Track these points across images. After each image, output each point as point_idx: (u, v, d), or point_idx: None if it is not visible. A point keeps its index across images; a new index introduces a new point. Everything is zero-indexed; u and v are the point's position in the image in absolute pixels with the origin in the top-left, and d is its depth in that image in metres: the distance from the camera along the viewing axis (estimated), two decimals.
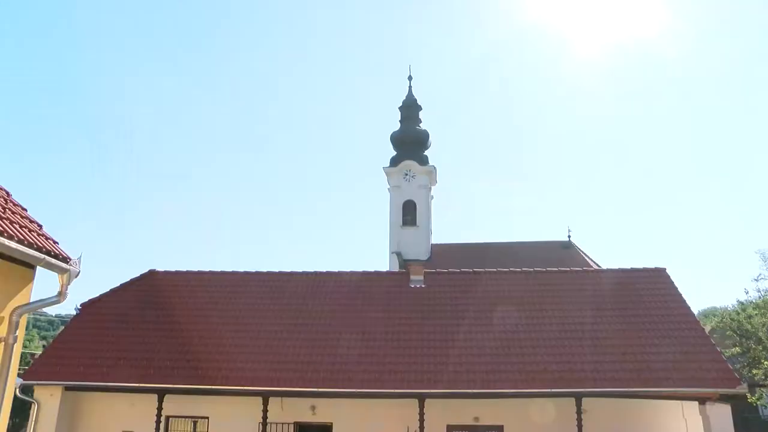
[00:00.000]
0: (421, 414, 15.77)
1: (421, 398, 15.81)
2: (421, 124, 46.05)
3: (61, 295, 7.77)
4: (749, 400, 23.05)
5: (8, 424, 8.06)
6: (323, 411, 17.07)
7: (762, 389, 23.85)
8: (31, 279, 7.87)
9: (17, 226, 7.33)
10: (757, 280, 28.14)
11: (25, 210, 8.17)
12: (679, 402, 16.35)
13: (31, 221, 7.93)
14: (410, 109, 46.27)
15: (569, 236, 40.99)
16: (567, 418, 15.61)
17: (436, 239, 43.26)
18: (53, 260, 7.55)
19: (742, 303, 25.06)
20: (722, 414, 15.22)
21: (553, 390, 15.43)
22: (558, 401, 15.88)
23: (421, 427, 15.75)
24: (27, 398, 16.89)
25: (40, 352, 20.71)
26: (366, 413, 16.79)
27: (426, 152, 44.81)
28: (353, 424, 16.82)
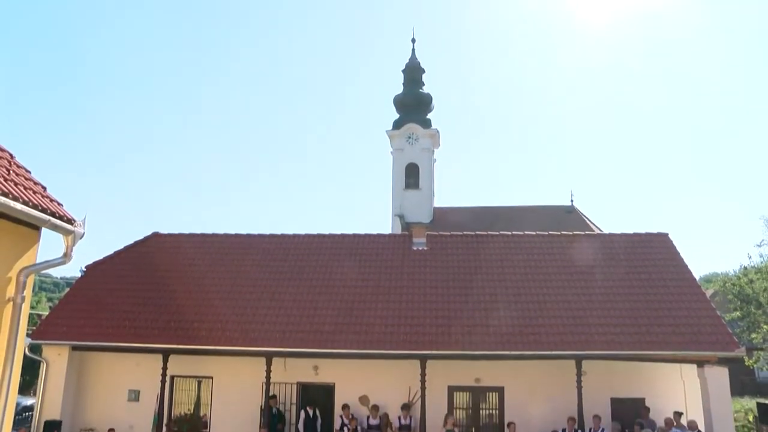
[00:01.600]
0: (423, 375, 16.01)
1: (423, 359, 16.02)
2: (424, 87, 45.72)
3: (66, 256, 7.84)
4: (746, 363, 23.35)
5: (20, 381, 8.24)
6: (326, 371, 17.33)
7: (759, 352, 24.14)
8: (37, 240, 7.94)
9: (22, 188, 7.36)
10: (760, 246, 28.27)
11: (29, 172, 8.18)
12: (677, 365, 16.55)
13: (35, 183, 7.96)
14: (413, 71, 45.88)
15: (572, 201, 41.06)
16: (567, 380, 15.83)
17: (438, 202, 43.36)
18: (58, 222, 7.61)
19: (744, 268, 25.19)
20: (720, 376, 15.41)
21: (553, 352, 15.61)
22: (558, 363, 16.09)
23: (423, 388, 16.00)
24: (36, 357, 17.19)
25: (47, 313, 20.96)
26: (368, 374, 17.05)
27: (429, 115, 44.60)
28: (355, 384, 17.09)
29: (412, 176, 42.80)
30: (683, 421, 15.58)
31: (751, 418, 21.85)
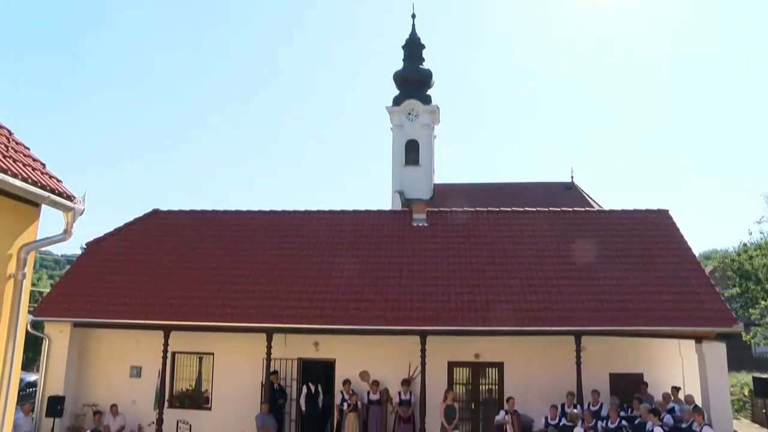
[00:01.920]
0: (423, 350, 16.11)
1: (423, 335, 16.10)
2: (424, 63, 45.37)
3: (66, 233, 7.84)
4: (744, 339, 23.51)
5: (23, 358, 8.29)
6: (326, 347, 17.43)
7: (757, 328, 24.29)
8: (37, 217, 7.93)
9: (21, 165, 7.32)
10: (759, 222, 28.31)
11: (28, 149, 8.14)
12: (676, 340, 16.66)
13: (34, 160, 7.92)
14: (413, 47, 45.47)
15: (572, 177, 40.96)
16: (566, 356, 15.92)
17: (438, 179, 43.27)
18: (58, 198, 7.59)
19: (744, 244, 25.23)
20: (717, 351, 15.51)
21: (553, 328, 15.68)
22: (558, 339, 16.17)
23: (423, 364, 16.11)
24: (38, 334, 17.27)
25: (49, 290, 21.02)
26: (368, 350, 17.15)
27: (429, 91, 44.32)
28: (356, 360, 17.20)
29: (412, 153, 42.66)
30: (680, 395, 15.72)
31: (746, 392, 22.08)
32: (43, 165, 7.99)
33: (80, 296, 17.39)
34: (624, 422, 14.38)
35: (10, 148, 7.55)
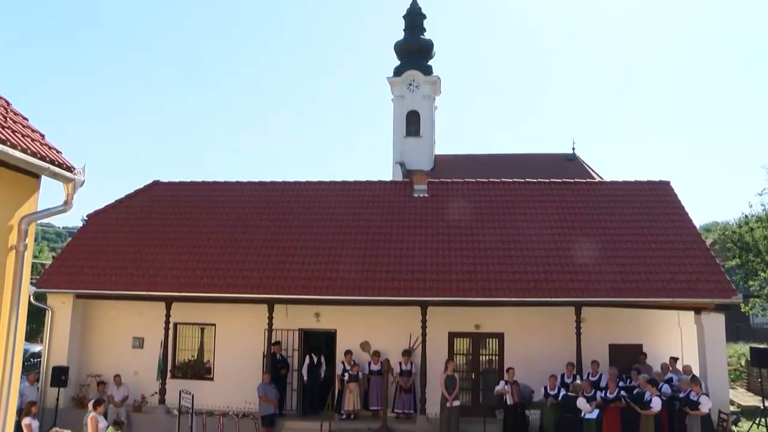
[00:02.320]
0: (424, 321, 16.20)
1: (424, 305, 16.18)
2: (425, 34, 44.90)
3: (67, 204, 7.81)
4: (742, 310, 23.64)
5: (27, 329, 8.33)
6: (327, 318, 17.53)
7: (755, 299, 24.41)
8: (37, 188, 7.90)
9: (19, 135, 7.26)
10: (761, 195, 28.24)
11: (26, 119, 8.07)
12: (675, 311, 16.74)
13: (33, 131, 7.86)
14: (415, 17, 45.02)
15: (573, 148, 40.88)
16: (566, 327, 16.02)
17: (439, 150, 43.13)
18: (57, 169, 7.54)
19: (745, 216, 25.21)
20: (716, 322, 15.60)
21: (553, 299, 15.75)
22: (558, 310, 16.25)
23: (424, 334, 16.22)
24: (41, 305, 17.37)
25: (50, 262, 21.09)
26: (369, 320, 17.25)
27: (430, 62, 43.96)
28: (356, 330, 17.31)
29: (413, 124, 42.49)
30: (679, 366, 15.85)
31: (743, 362, 22.27)
32: (42, 136, 7.93)
33: (82, 268, 17.44)
34: (623, 392, 14.52)
35: (8, 119, 7.48)
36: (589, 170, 38.14)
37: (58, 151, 7.88)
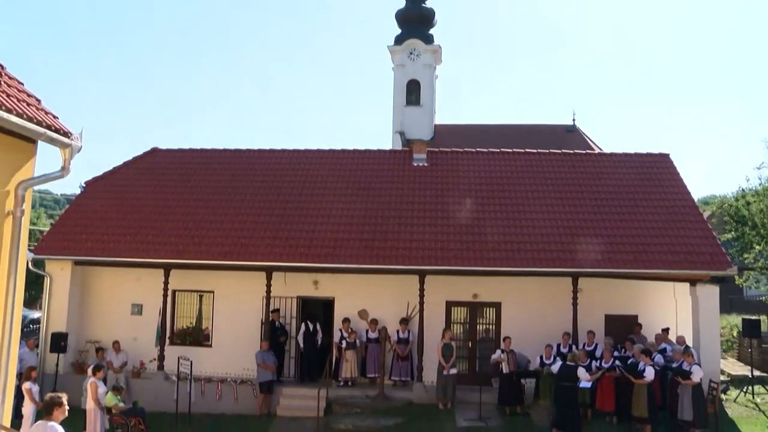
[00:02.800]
0: (421, 290, 16.28)
1: (422, 274, 16.25)
2: (426, 2, 44.28)
3: (64, 170, 7.76)
4: (736, 282, 23.79)
5: (26, 296, 8.37)
6: (325, 286, 17.61)
7: (750, 272, 24.53)
8: (33, 154, 7.85)
9: (15, 100, 7.19)
10: (759, 168, 28.16)
11: (22, 84, 7.99)
12: (671, 283, 16.84)
13: (29, 95, 7.78)
14: None
15: (573, 120, 40.62)
16: (563, 297, 16.13)
17: (439, 120, 42.89)
18: (54, 135, 7.48)
19: (742, 190, 25.20)
20: (710, 294, 15.73)
21: (550, 269, 15.83)
22: (555, 280, 16.34)
23: (421, 303, 16.32)
24: (39, 272, 17.41)
25: (48, 229, 21.08)
26: (367, 288, 17.33)
27: (431, 31, 43.42)
28: (354, 298, 17.40)
29: (413, 93, 42.15)
30: (672, 336, 16.01)
31: (735, 333, 22.53)
32: (38, 101, 7.85)
33: (80, 235, 17.44)
34: (617, 362, 14.69)
35: (3, 83, 7.40)
36: (589, 142, 37.96)
37: (54, 117, 7.81)
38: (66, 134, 7.66)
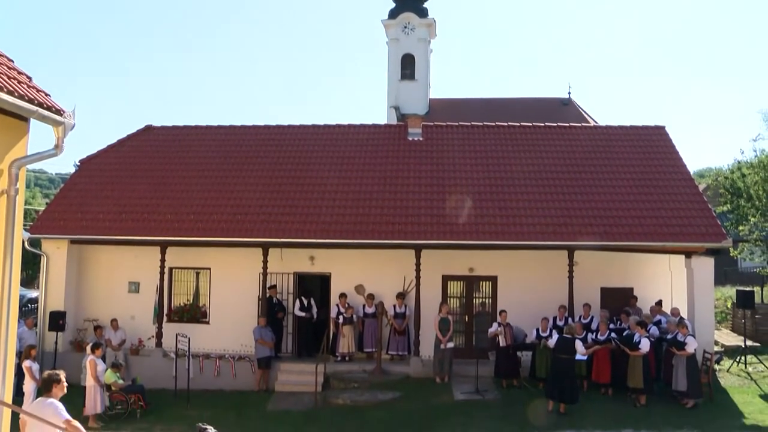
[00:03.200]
0: (418, 264, 16.33)
1: (418, 249, 16.28)
2: None
3: (57, 148, 7.70)
4: (731, 254, 23.90)
5: (23, 275, 8.39)
6: (322, 262, 17.64)
7: (744, 244, 24.64)
8: (26, 132, 7.78)
9: (5, 78, 7.10)
10: (755, 140, 28.19)
11: (12, 61, 7.89)
12: (666, 255, 16.92)
13: (20, 72, 7.68)
14: None
15: (569, 93, 40.41)
16: (559, 270, 16.19)
17: (434, 94, 42.63)
18: (46, 112, 7.41)
19: (738, 162, 25.21)
20: (705, 266, 15.82)
21: (546, 243, 15.88)
22: (550, 254, 16.39)
23: (418, 277, 16.38)
24: (36, 251, 17.39)
25: (44, 208, 21.02)
26: (363, 263, 17.37)
27: (426, 4, 42.95)
28: (351, 273, 17.44)
29: (408, 67, 41.80)
30: (665, 308, 16.14)
31: (729, 305, 22.73)
32: (29, 78, 7.76)
33: (76, 213, 17.39)
34: (613, 334, 14.82)
35: None
36: (585, 115, 37.83)
37: (46, 94, 7.73)
38: (58, 112, 7.59)
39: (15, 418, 7.46)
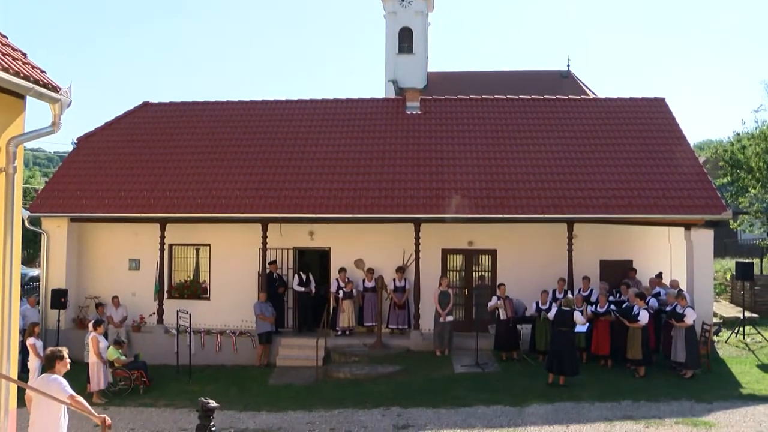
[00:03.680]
0: (417, 238, 16.35)
1: (417, 223, 16.30)
2: None
3: (54, 125, 7.69)
4: (731, 226, 23.94)
5: (24, 254, 8.41)
6: (321, 236, 17.66)
7: (744, 216, 24.65)
8: (22, 110, 7.75)
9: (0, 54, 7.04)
10: (756, 111, 28.02)
11: (6, 37, 7.81)
12: (666, 228, 16.94)
13: (14, 49, 7.61)
14: None
15: (568, 66, 40.17)
16: (558, 243, 16.22)
17: (432, 68, 42.33)
18: (42, 89, 7.37)
19: (738, 134, 25.11)
20: (705, 238, 15.82)
21: (545, 215, 15.87)
22: (550, 226, 16.41)
23: (417, 251, 16.41)
24: (36, 229, 17.39)
25: (43, 187, 20.97)
26: (363, 238, 17.41)
27: None
28: (350, 248, 17.47)
29: (405, 41, 41.43)
30: (665, 280, 16.19)
31: (728, 277, 22.81)
32: (24, 55, 7.69)
33: (75, 191, 17.37)
34: (612, 306, 14.89)
35: None
36: (584, 87, 37.63)
37: (42, 71, 7.67)
38: (54, 89, 7.55)
39: (21, 393, 7.53)
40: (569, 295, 14.55)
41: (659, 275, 16.31)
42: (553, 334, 13.55)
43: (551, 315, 14.00)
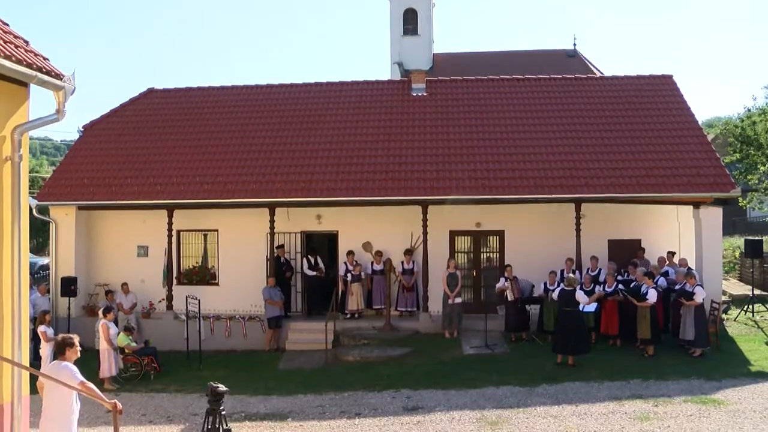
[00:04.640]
0: (425, 220, 16.32)
1: (424, 204, 16.26)
2: None
3: (59, 113, 7.66)
4: (740, 204, 23.77)
5: (33, 243, 8.44)
6: (328, 220, 17.67)
7: (753, 193, 24.45)
8: (27, 98, 7.73)
9: (1, 42, 7.00)
10: (767, 87, 27.64)
11: (7, 25, 7.77)
12: (674, 206, 16.83)
13: (16, 36, 7.58)
14: None
15: (575, 45, 39.84)
16: (566, 223, 16.16)
17: (438, 49, 42.05)
18: (46, 77, 7.34)
19: (748, 110, 24.83)
20: (713, 217, 15.71)
21: (553, 195, 15.79)
22: (558, 206, 16.33)
23: (425, 233, 16.38)
24: (44, 218, 17.47)
25: (50, 175, 21.03)
26: (370, 221, 17.38)
27: None
28: (358, 231, 17.48)
29: (410, 22, 41.12)
30: (675, 259, 16.11)
31: (737, 255, 22.67)
32: (26, 42, 7.66)
33: (82, 179, 17.42)
34: (620, 286, 14.84)
35: None
36: (591, 66, 37.29)
37: (44, 58, 7.65)
38: (58, 76, 7.52)
39: (33, 380, 7.60)
40: (570, 275, 14.48)
41: (672, 253, 16.21)
42: (559, 315, 13.54)
43: (555, 295, 13.98)
